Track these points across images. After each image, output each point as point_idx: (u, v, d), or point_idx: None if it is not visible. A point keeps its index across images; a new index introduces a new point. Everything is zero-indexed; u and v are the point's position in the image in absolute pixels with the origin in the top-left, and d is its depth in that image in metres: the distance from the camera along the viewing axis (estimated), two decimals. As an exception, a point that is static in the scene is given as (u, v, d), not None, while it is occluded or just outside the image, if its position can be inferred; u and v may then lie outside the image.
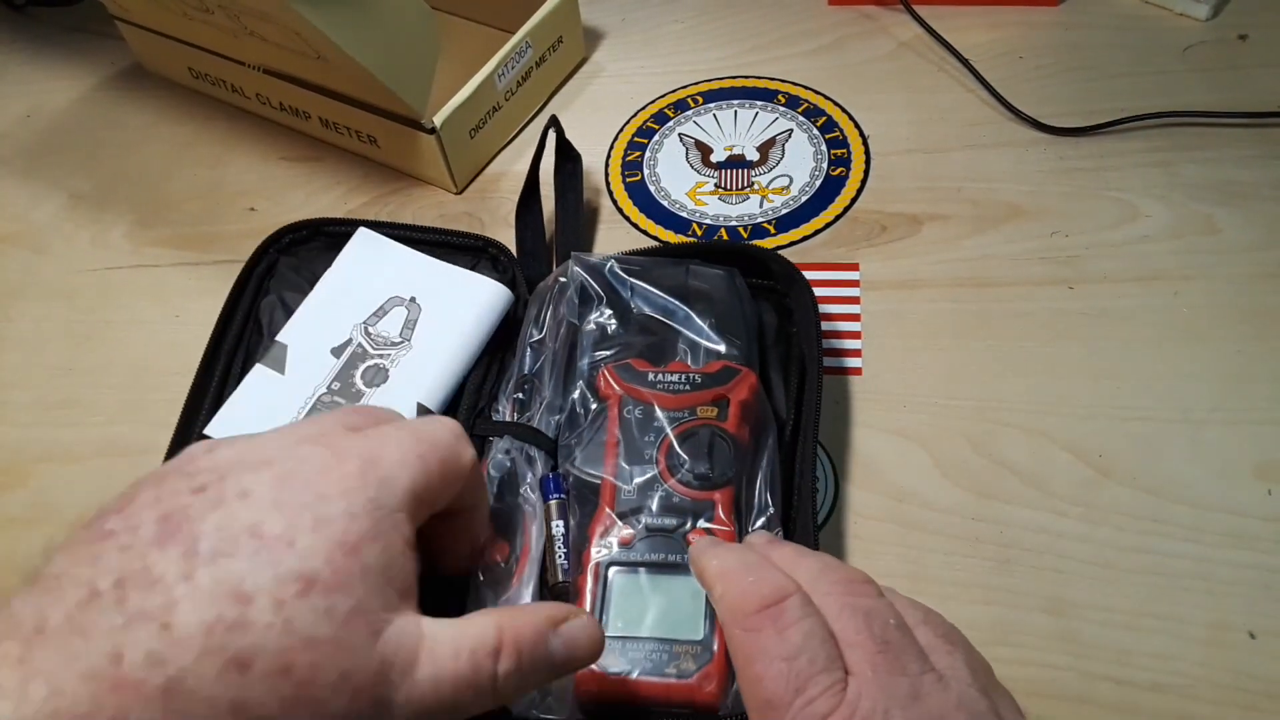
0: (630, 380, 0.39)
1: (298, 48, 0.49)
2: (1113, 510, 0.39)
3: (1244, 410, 0.41)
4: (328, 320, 0.42)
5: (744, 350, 0.40)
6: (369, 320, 0.42)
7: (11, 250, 0.55)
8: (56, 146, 0.60)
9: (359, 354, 0.41)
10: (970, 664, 0.27)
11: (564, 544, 0.36)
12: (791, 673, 0.26)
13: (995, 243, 0.48)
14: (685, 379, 0.39)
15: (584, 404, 0.40)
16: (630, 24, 0.62)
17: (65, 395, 0.48)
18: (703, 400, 0.38)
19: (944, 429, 0.42)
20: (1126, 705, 0.34)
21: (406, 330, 0.42)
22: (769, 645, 0.26)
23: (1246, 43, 0.54)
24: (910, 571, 0.38)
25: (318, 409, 0.40)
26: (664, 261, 0.43)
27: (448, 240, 0.47)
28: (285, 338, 0.42)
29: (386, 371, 0.41)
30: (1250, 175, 0.49)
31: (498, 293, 0.43)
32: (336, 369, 0.41)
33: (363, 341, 0.41)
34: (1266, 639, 0.35)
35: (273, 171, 0.57)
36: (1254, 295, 0.44)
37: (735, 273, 0.43)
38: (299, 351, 0.41)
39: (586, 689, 0.32)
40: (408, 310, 0.42)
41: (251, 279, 0.46)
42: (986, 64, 0.55)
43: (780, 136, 0.54)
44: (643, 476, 0.37)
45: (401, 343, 0.41)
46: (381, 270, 0.44)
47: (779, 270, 0.43)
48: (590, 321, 0.42)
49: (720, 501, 0.36)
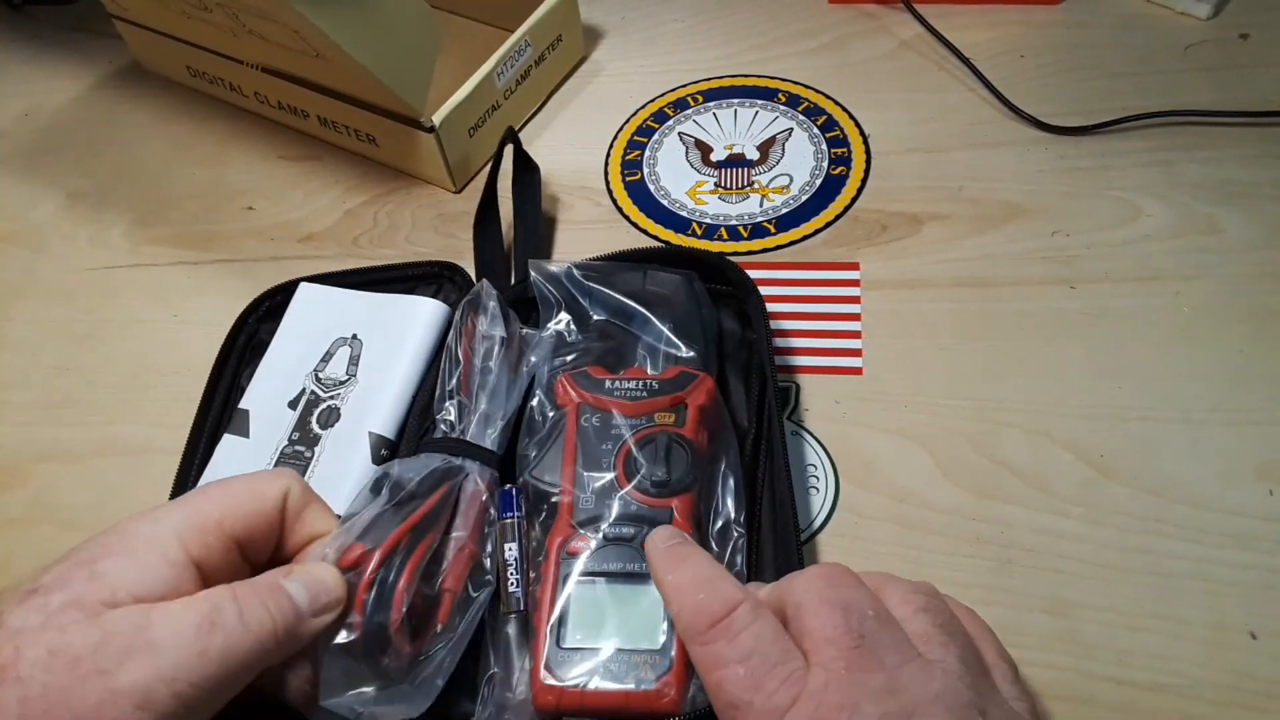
0: (587, 387, 0.39)
1: (297, 46, 0.48)
2: (1113, 510, 0.39)
3: (1244, 410, 0.41)
4: (282, 377, 0.44)
5: (701, 355, 0.40)
6: (318, 367, 0.44)
7: (10, 249, 0.55)
8: (55, 145, 0.60)
9: (313, 400, 0.43)
10: (965, 657, 0.27)
11: (516, 570, 0.35)
12: (747, 674, 0.26)
13: (996, 242, 0.48)
14: (642, 385, 0.38)
15: (542, 412, 0.39)
16: (630, 23, 0.62)
17: (65, 395, 0.48)
18: (660, 406, 0.38)
19: (944, 429, 0.42)
20: (1127, 705, 0.34)
21: (352, 367, 0.43)
22: (723, 653, 0.27)
23: (1248, 42, 0.54)
24: (910, 571, 0.38)
25: (283, 462, 0.41)
26: (622, 267, 0.43)
27: (406, 274, 0.47)
28: (247, 403, 0.43)
29: (338, 410, 0.42)
30: (1251, 175, 0.48)
31: (433, 309, 0.45)
32: (294, 420, 0.42)
33: (313, 388, 0.43)
34: (1267, 639, 0.35)
35: (271, 170, 0.56)
36: (1255, 295, 0.44)
37: (694, 276, 0.42)
38: (260, 413, 0.43)
39: (545, 701, 0.32)
40: (350, 348, 0.44)
41: (231, 355, 0.46)
42: (987, 63, 0.55)
43: (780, 135, 0.54)
44: (600, 485, 0.36)
45: (349, 379, 0.43)
46: (324, 317, 0.45)
47: (735, 277, 0.43)
48: (549, 328, 0.42)
49: (678, 508, 0.35)
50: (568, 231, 0.51)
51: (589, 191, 0.53)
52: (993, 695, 0.27)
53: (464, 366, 0.40)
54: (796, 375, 0.44)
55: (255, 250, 0.53)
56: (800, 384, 0.44)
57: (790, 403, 0.43)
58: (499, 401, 0.39)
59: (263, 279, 0.51)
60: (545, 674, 0.32)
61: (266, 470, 0.31)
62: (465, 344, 0.40)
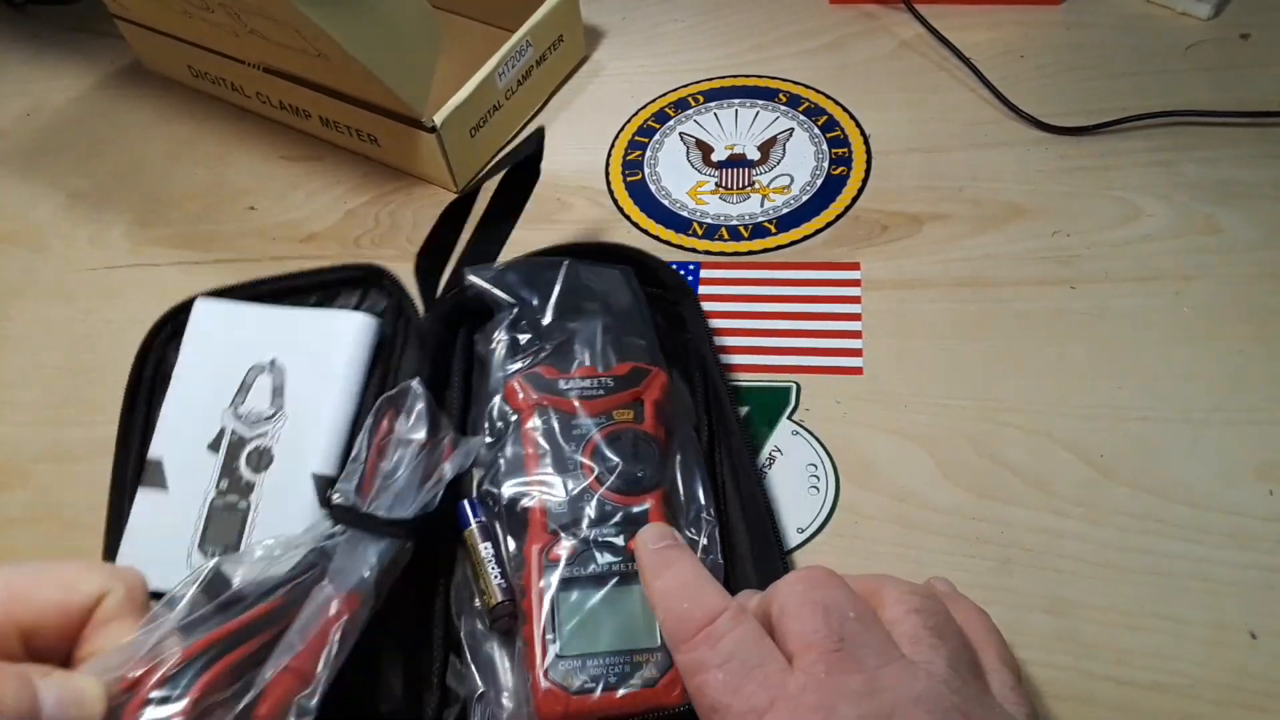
0: (541, 389, 0.38)
1: (298, 46, 0.49)
2: (1113, 510, 0.39)
3: (1245, 410, 0.41)
4: (195, 414, 0.39)
5: (650, 349, 0.40)
6: (235, 401, 0.39)
7: (11, 249, 0.55)
8: (56, 145, 0.60)
9: (236, 441, 0.38)
10: (954, 660, 0.27)
11: (495, 564, 0.34)
12: (726, 678, 0.27)
13: (996, 242, 0.48)
14: (597, 383, 0.38)
15: (503, 418, 0.38)
16: (631, 23, 0.62)
17: (65, 395, 0.48)
18: (618, 403, 0.37)
19: (944, 429, 0.42)
20: (1127, 705, 0.34)
21: (276, 399, 0.38)
22: (704, 658, 0.28)
23: (1248, 42, 0.54)
24: (910, 571, 0.38)
25: (214, 519, 0.36)
26: (553, 262, 0.42)
27: (324, 279, 0.43)
28: (157, 451, 0.38)
29: (270, 451, 0.37)
30: (1252, 175, 0.48)
31: (363, 324, 0.40)
32: (219, 466, 0.37)
33: (235, 426, 0.38)
34: (1267, 639, 0.35)
35: (273, 170, 0.57)
36: (1255, 295, 0.44)
37: (629, 271, 0.42)
38: (175, 460, 0.38)
39: (550, 711, 0.32)
40: (271, 376, 0.39)
41: (140, 393, 0.41)
42: (988, 63, 0.55)
43: (781, 136, 0.54)
44: (571, 487, 0.36)
45: (275, 413, 0.38)
46: (233, 340, 0.40)
47: (670, 280, 0.43)
48: (495, 334, 0.41)
49: (653, 504, 0.35)
50: (569, 232, 0.51)
51: (590, 191, 0.53)
52: (981, 699, 0.27)
53: (368, 469, 0.35)
54: (797, 375, 0.44)
55: (256, 250, 0.53)
56: (800, 384, 0.44)
57: (791, 402, 0.43)
58: (401, 507, 0.34)
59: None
60: (547, 683, 0.32)
61: (103, 564, 0.28)
62: (375, 444, 0.35)
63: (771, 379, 0.44)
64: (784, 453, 0.42)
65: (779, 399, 0.44)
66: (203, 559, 0.36)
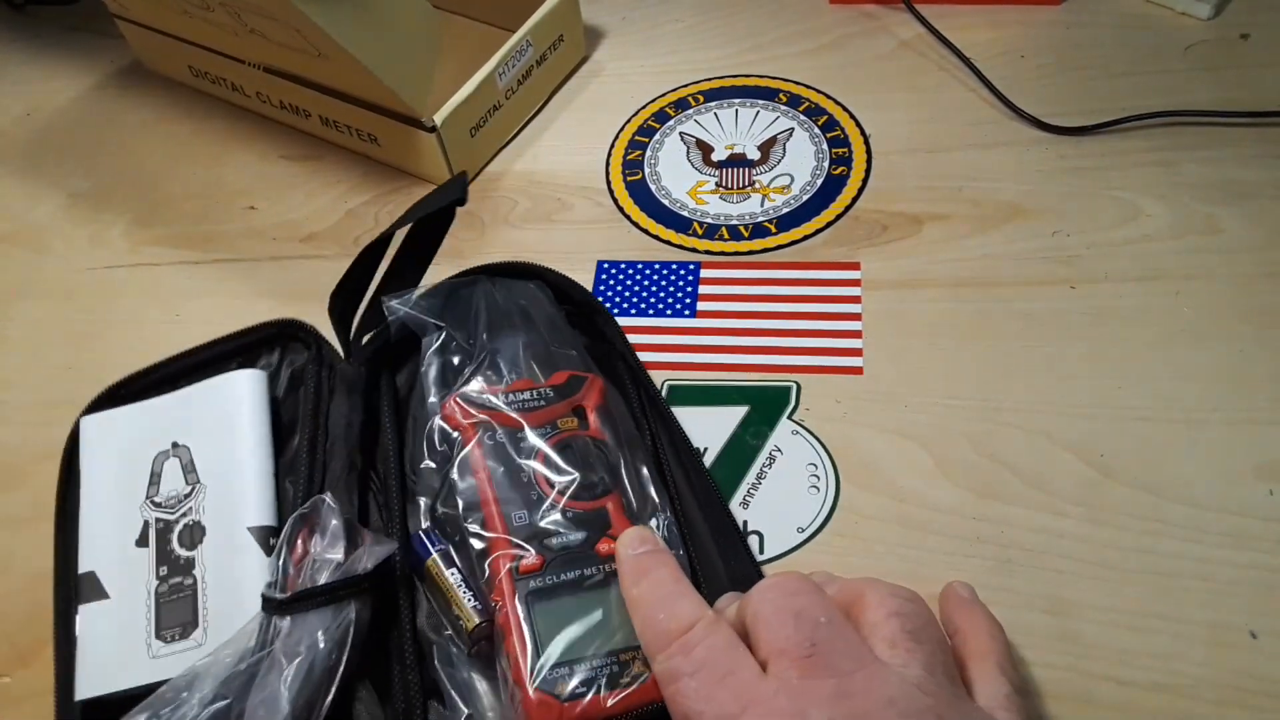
0: (481, 406, 0.38)
1: (298, 45, 0.49)
2: (1113, 510, 0.39)
3: (1245, 410, 0.41)
4: (111, 523, 0.39)
5: (581, 357, 0.40)
6: (150, 493, 0.39)
7: (11, 250, 0.55)
8: (56, 145, 0.60)
9: (163, 529, 0.38)
10: (931, 664, 0.27)
11: (466, 587, 0.34)
12: (699, 685, 0.27)
13: (996, 242, 0.48)
14: (537, 394, 0.38)
15: (445, 440, 0.38)
16: (631, 23, 0.62)
17: (65, 395, 0.48)
18: (561, 412, 0.38)
19: (944, 429, 0.42)
20: (1127, 705, 0.34)
21: (190, 474, 0.39)
22: (679, 667, 0.28)
23: (1248, 42, 0.54)
24: (910, 571, 0.38)
25: (163, 608, 0.36)
26: (466, 283, 0.42)
27: (241, 344, 0.43)
28: (86, 565, 0.38)
29: (199, 523, 0.38)
30: (1252, 175, 0.48)
31: (252, 378, 0.41)
32: (152, 557, 0.38)
33: (156, 515, 0.38)
34: (1268, 639, 0.35)
35: (273, 170, 0.57)
36: (1255, 295, 0.44)
37: (542, 285, 0.43)
38: (108, 568, 0.38)
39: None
40: (178, 457, 0.39)
41: (67, 513, 0.40)
42: (988, 63, 0.55)
43: (781, 135, 0.54)
44: (528, 499, 0.35)
45: (193, 489, 0.38)
46: (127, 443, 0.40)
47: (578, 296, 0.44)
48: (425, 359, 0.40)
49: (612, 507, 0.36)
50: (569, 232, 0.51)
51: (590, 191, 0.53)
52: (958, 703, 0.27)
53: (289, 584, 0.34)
54: (797, 375, 0.44)
55: (256, 250, 0.53)
56: (801, 384, 0.44)
57: (791, 402, 0.43)
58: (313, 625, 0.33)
59: (263, 279, 0.51)
60: (537, 694, 0.31)
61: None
62: (293, 563, 0.35)
63: (771, 379, 0.44)
64: (784, 452, 0.42)
65: (779, 399, 0.44)
66: (164, 646, 0.36)
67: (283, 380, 0.43)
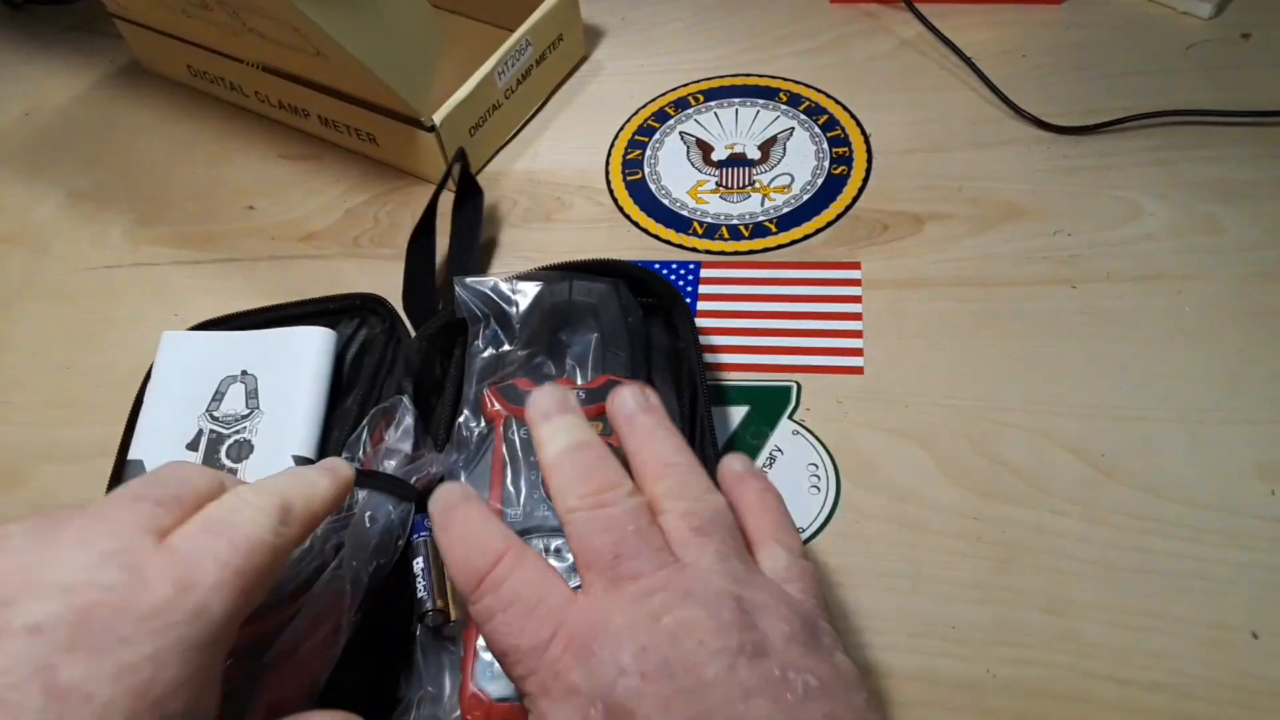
0: (514, 401, 0.38)
1: (297, 44, 0.48)
2: (1113, 510, 0.39)
3: (1244, 410, 0.41)
4: (170, 423, 0.42)
5: (628, 363, 0.40)
6: (210, 406, 0.42)
7: (11, 250, 0.55)
8: (55, 145, 0.60)
9: (215, 438, 0.41)
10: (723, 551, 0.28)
11: (424, 578, 0.35)
12: (511, 619, 0.27)
13: (997, 242, 0.48)
14: None
15: (469, 427, 0.39)
16: (630, 22, 0.62)
17: (65, 395, 0.48)
18: (589, 416, 0.37)
19: (945, 429, 0.42)
20: (1127, 705, 0.34)
21: (251, 400, 0.42)
22: (491, 605, 0.27)
23: (1249, 42, 0.54)
24: (910, 571, 0.38)
25: None
26: (549, 277, 0.43)
27: (326, 308, 0.46)
28: (136, 453, 0.41)
29: (249, 442, 0.41)
30: (1252, 174, 0.48)
31: (322, 335, 0.44)
32: (199, 461, 0.40)
33: (212, 427, 0.41)
34: (1268, 639, 0.35)
35: (272, 170, 0.56)
36: (1255, 295, 0.44)
37: (620, 284, 0.42)
38: (155, 461, 0.41)
39: (473, 717, 0.32)
40: (244, 383, 0.43)
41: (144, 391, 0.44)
42: (988, 62, 0.55)
43: (781, 135, 0.54)
44: (530, 498, 0.36)
45: (251, 412, 0.42)
46: (201, 363, 0.44)
47: (661, 289, 0.43)
48: (476, 344, 0.41)
49: None
50: (569, 231, 0.51)
51: (590, 191, 0.53)
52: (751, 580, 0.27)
53: (366, 460, 0.38)
54: (797, 374, 0.44)
55: (256, 250, 0.53)
56: (801, 384, 0.44)
57: (791, 402, 0.43)
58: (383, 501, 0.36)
59: (263, 278, 0.51)
60: (473, 688, 0.32)
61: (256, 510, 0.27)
62: (371, 444, 0.38)
63: (771, 378, 0.44)
64: (784, 452, 0.42)
65: (779, 399, 0.44)
66: None
67: (354, 346, 0.46)
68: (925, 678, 0.35)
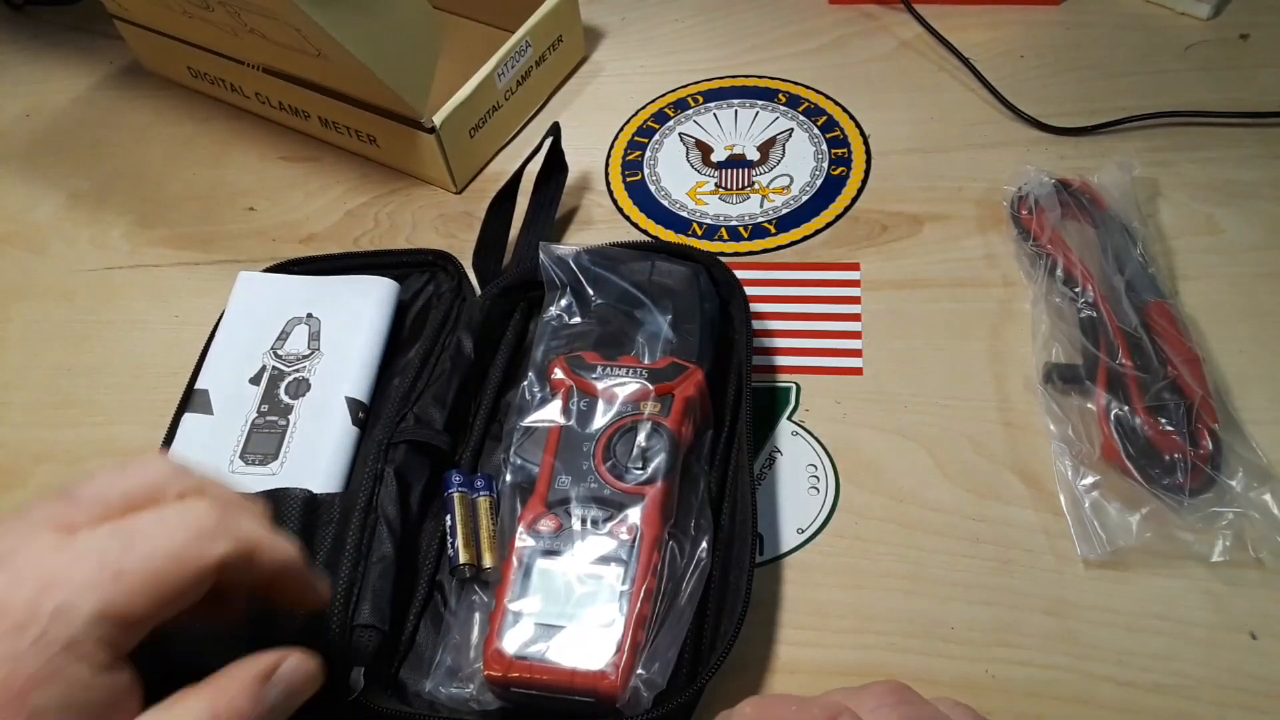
0: (580, 371, 0.39)
1: (298, 45, 0.49)
2: (1113, 510, 0.39)
3: (1243, 410, 0.41)
4: (237, 358, 0.45)
5: (695, 347, 0.40)
6: (275, 345, 0.45)
7: (10, 250, 0.55)
8: (55, 146, 0.60)
9: (276, 375, 0.44)
10: None
11: (451, 535, 0.37)
12: None
13: (996, 242, 0.48)
14: (634, 373, 0.39)
15: (532, 392, 0.40)
16: (630, 23, 0.62)
17: (65, 395, 0.48)
18: (649, 396, 0.38)
19: (944, 429, 0.42)
20: (1127, 705, 0.34)
21: (313, 341, 0.45)
22: None
23: (1248, 42, 0.54)
24: (910, 571, 0.38)
25: (254, 435, 0.42)
26: (632, 255, 0.43)
27: (399, 260, 0.48)
28: (204, 383, 0.44)
29: (307, 380, 0.43)
30: (1251, 175, 0.48)
31: (386, 285, 0.46)
32: (259, 394, 0.43)
33: (275, 364, 0.44)
34: (1267, 639, 0.35)
35: (272, 171, 0.56)
36: (1255, 295, 0.44)
37: (701, 270, 0.43)
38: (220, 391, 0.44)
39: (493, 669, 0.33)
40: (308, 325, 0.45)
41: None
42: (987, 63, 0.55)
43: (781, 136, 0.54)
44: (578, 467, 0.37)
45: (312, 353, 0.44)
46: (271, 303, 0.46)
47: (720, 276, 0.44)
48: (550, 311, 0.42)
49: (651, 498, 0.36)
50: (569, 231, 0.51)
51: (590, 192, 0.53)
52: None
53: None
54: (797, 375, 0.44)
55: (256, 251, 0.53)
56: (801, 384, 0.44)
57: (791, 403, 0.43)
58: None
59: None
60: (498, 643, 0.33)
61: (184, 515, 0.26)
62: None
63: (771, 379, 0.44)
64: (784, 453, 0.42)
65: (779, 399, 0.44)
66: (244, 466, 0.41)
67: (420, 300, 0.47)
68: (925, 678, 0.35)
